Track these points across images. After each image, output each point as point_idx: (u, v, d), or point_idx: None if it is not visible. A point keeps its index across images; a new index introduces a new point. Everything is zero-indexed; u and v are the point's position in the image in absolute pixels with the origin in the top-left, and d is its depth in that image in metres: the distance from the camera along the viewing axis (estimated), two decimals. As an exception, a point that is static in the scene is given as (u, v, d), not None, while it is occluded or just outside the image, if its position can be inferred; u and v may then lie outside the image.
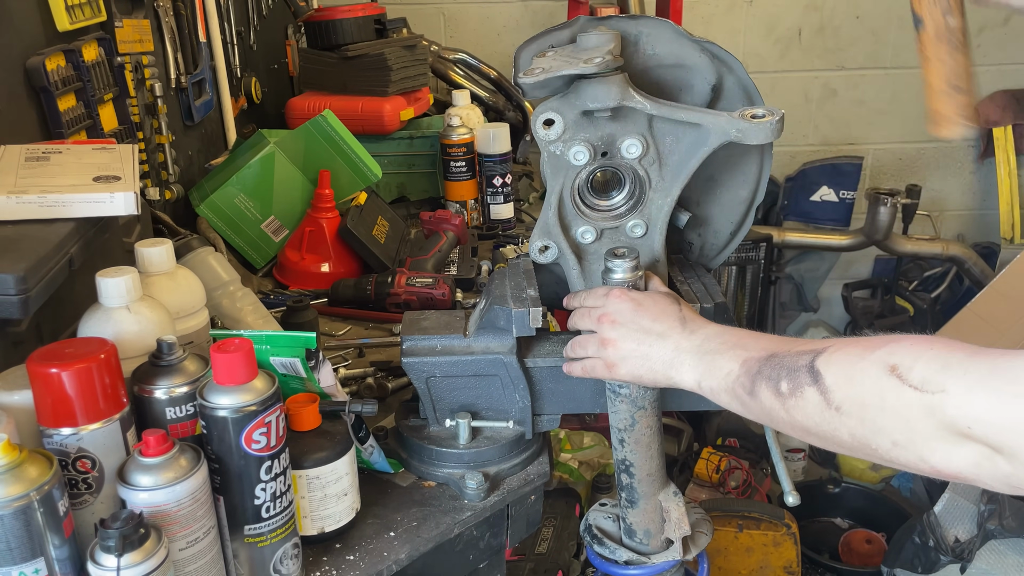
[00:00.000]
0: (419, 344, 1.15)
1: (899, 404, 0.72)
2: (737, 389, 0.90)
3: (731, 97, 1.13)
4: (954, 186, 3.56)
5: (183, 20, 1.83)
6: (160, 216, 1.59)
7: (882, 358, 0.74)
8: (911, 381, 0.71)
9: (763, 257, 3.30)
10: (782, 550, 2.55)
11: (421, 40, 2.36)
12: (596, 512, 1.25)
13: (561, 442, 2.75)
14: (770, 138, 1.02)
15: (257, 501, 0.90)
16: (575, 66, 0.99)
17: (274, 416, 0.89)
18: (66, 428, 0.82)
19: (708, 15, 3.30)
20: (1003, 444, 0.66)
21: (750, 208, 1.21)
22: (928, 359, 0.71)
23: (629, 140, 1.07)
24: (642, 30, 1.09)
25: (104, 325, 0.95)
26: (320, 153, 1.84)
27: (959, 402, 0.68)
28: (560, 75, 1.00)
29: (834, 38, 3.33)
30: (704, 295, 1.14)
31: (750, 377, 0.88)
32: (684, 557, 1.17)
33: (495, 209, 2.11)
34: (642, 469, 1.14)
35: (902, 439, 0.73)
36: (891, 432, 0.74)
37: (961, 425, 0.68)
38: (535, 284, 1.15)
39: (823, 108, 3.44)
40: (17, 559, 0.74)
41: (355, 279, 1.69)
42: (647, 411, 1.11)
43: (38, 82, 1.22)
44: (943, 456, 0.71)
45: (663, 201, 1.11)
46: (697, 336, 0.98)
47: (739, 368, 0.90)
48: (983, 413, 0.67)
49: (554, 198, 1.11)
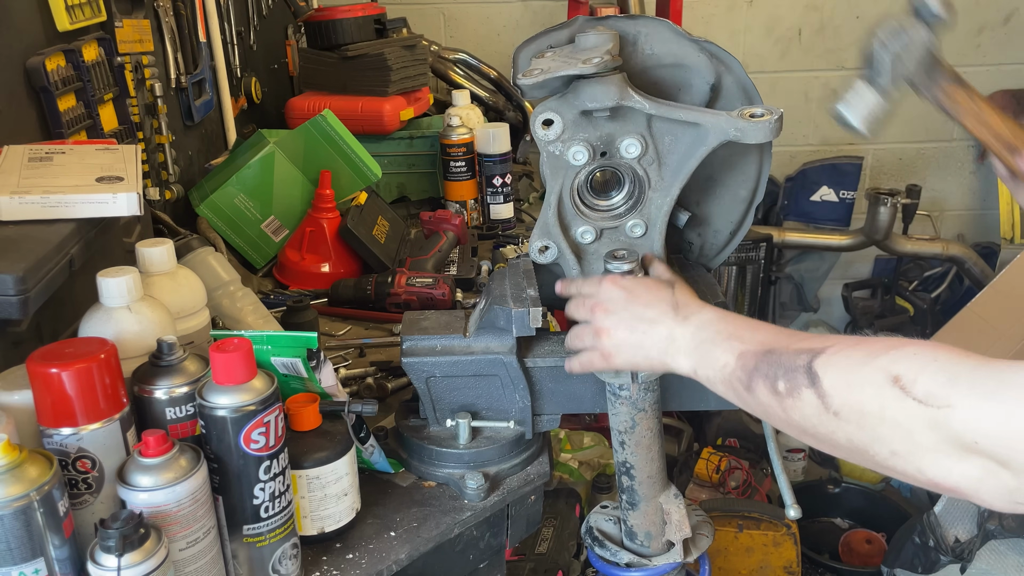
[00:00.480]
0: (419, 344, 1.15)
1: (901, 416, 0.71)
2: (734, 382, 0.89)
3: (730, 96, 1.13)
4: (954, 186, 3.56)
5: (183, 20, 1.83)
6: (160, 216, 1.59)
7: (885, 366, 0.73)
8: (915, 394, 0.70)
9: (763, 257, 3.30)
10: (782, 550, 2.55)
11: (421, 40, 2.36)
12: (597, 514, 1.25)
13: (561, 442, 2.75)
14: (769, 137, 1.02)
15: (256, 501, 0.90)
16: (573, 66, 0.99)
17: (273, 416, 0.89)
18: (66, 428, 0.82)
19: (708, 15, 3.30)
20: (1011, 458, 0.66)
21: (750, 207, 1.21)
22: (933, 371, 0.70)
23: (628, 140, 1.07)
24: (640, 30, 1.09)
25: (105, 325, 0.95)
26: (320, 153, 1.84)
27: (966, 416, 0.67)
28: (558, 76, 1.00)
29: (834, 38, 3.33)
30: (704, 295, 1.14)
31: (747, 372, 0.87)
32: (685, 559, 1.17)
33: (495, 209, 2.11)
34: (643, 471, 1.14)
35: (902, 449, 0.73)
36: (890, 442, 0.73)
37: (967, 439, 0.68)
38: (535, 284, 1.15)
39: (823, 108, 3.44)
40: (17, 559, 0.74)
41: (355, 279, 1.69)
42: (647, 413, 1.11)
43: (38, 82, 1.22)
44: (943, 469, 0.70)
45: (662, 201, 1.11)
46: (691, 323, 0.97)
47: (735, 361, 0.89)
48: (991, 427, 0.66)
49: (553, 198, 1.11)
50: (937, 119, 3.46)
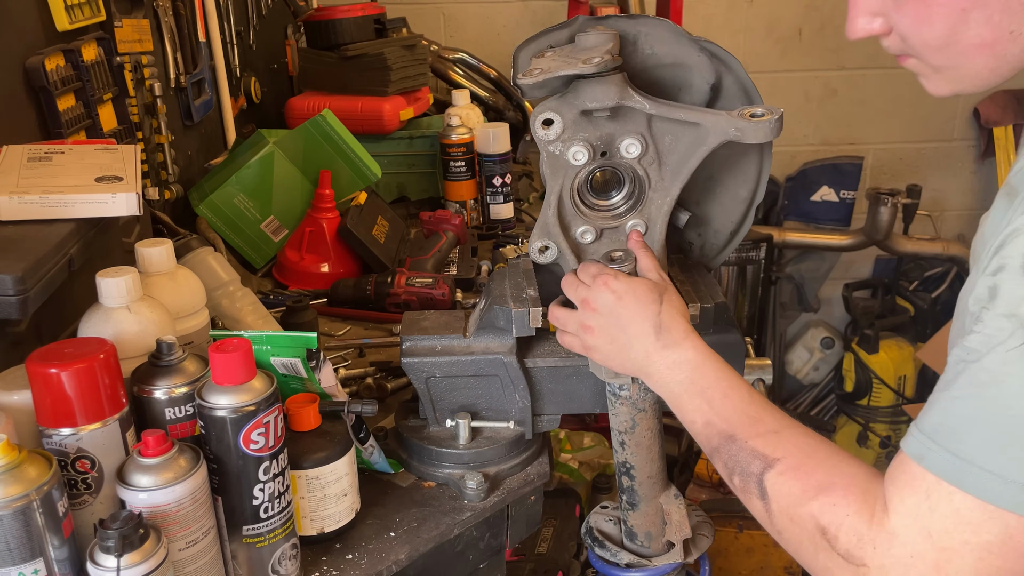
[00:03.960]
0: (419, 344, 1.14)
1: (831, 565, 0.78)
2: (699, 438, 0.94)
3: (730, 96, 1.13)
4: (954, 186, 3.56)
5: (183, 20, 1.82)
6: (160, 216, 1.59)
7: (815, 514, 0.79)
8: (838, 549, 0.77)
9: (763, 257, 3.29)
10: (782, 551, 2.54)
11: (421, 40, 2.36)
12: (597, 515, 1.25)
13: (561, 442, 2.75)
14: (769, 137, 1.02)
15: (255, 501, 0.90)
16: (574, 66, 0.99)
17: (272, 416, 0.89)
18: (65, 428, 0.82)
19: (708, 15, 3.29)
20: None
21: (750, 207, 1.21)
22: (847, 530, 0.77)
23: (628, 140, 1.07)
24: (640, 30, 1.09)
25: (104, 325, 0.95)
26: (320, 153, 1.84)
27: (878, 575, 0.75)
28: (558, 76, 1.00)
29: (834, 38, 3.33)
30: (704, 295, 1.14)
31: (710, 448, 0.92)
32: (685, 560, 1.17)
33: (495, 209, 2.11)
34: (643, 471, 1.14)
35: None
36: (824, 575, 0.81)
37: None
38: (535, 284, 1.15)
39: (823, 108, 3.44)
40: (16, 559, 0.74)
41: (355, 279, 1.69)
42: (647, 413, 1.11)
43: (37, 82, 1.22)
44: None
45: (663, 200, 1.10)
46: (668, 355, 0.97)
47: (701, 426, 0.93)
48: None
49: (553, 198, 1.11)
50: (937, 119, 3.47)
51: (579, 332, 1.04)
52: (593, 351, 1.04)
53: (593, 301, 1.02)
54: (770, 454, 0.85)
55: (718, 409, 0.92)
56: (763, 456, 0.86)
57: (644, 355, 0.98)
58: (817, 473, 0.82)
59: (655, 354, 0.97)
